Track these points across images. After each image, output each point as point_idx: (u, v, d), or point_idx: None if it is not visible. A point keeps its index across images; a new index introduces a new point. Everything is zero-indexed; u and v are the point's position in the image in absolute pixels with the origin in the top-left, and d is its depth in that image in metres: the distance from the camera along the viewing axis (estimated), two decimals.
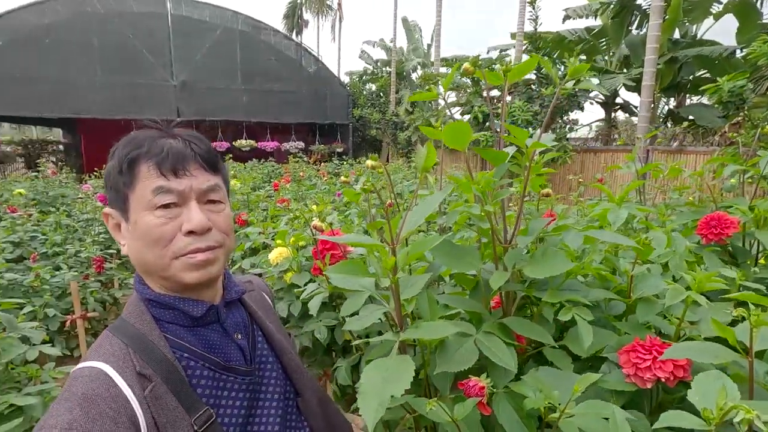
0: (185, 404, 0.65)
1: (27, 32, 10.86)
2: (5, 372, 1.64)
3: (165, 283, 0.71)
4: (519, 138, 0.78)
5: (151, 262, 0.69)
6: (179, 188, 0.68)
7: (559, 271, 0.72)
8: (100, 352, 0.66)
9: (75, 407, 0.58)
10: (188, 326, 0.72)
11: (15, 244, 3.32)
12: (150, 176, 0.67)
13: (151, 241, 0.67)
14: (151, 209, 0.67)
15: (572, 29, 9.83)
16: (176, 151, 0.69)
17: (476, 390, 0.61)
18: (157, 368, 0.65)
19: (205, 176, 0.71)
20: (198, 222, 0.68)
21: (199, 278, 0.69)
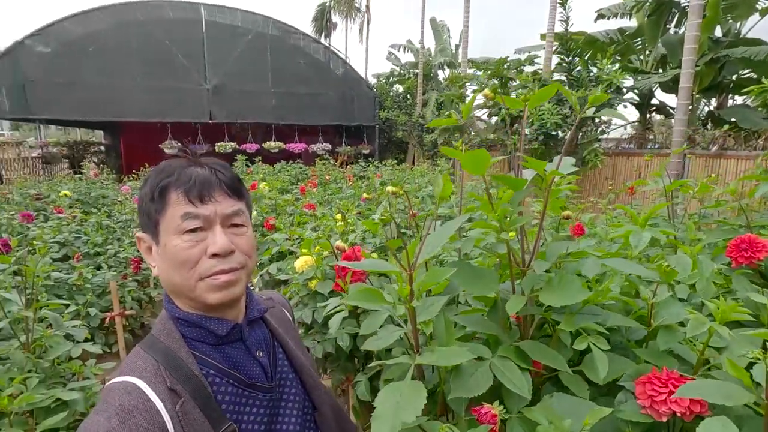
0: (211, 419, 0.69)
1: (72, 41, 11.49)
2: (52, 368, 1.76)
3: (191, 303, 0.76)
4: (537, 167, 0.79)
5: (179, 284, 0.74)
6: (205, 213, 0.73)
7: (574, 301, 0.72)
8: (133, 367, 0.71)
9: (113, 417, 0.62)
10: (213, 344, 0.76)
11: (61, 244, 3.53)
12: (179, 203, 0.72)
13: (179, 263, 0.72)
14: (179, 233, 0.72)
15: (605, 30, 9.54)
16: (202, 179, 0.74)
17: (488, 417, 0.63)
18: (186, 384, 0.69)
19: (229, 202, 0.76)
20: (221, 245, 0.72)
21: (222, 299, 0.74)
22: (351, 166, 10.52)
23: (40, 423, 1.44)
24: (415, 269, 0.73)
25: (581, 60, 8.44)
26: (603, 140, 11.60)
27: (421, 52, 16.68)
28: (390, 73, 20.24)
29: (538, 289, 0.84)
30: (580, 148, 7.44)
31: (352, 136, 15.50)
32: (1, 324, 1.70)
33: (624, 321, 0.82)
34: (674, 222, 1.45)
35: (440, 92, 14.47)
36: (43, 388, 1.59)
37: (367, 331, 0.81)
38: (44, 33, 11.34)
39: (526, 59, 8.16)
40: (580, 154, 7.19)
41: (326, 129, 14.97)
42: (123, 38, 11.86)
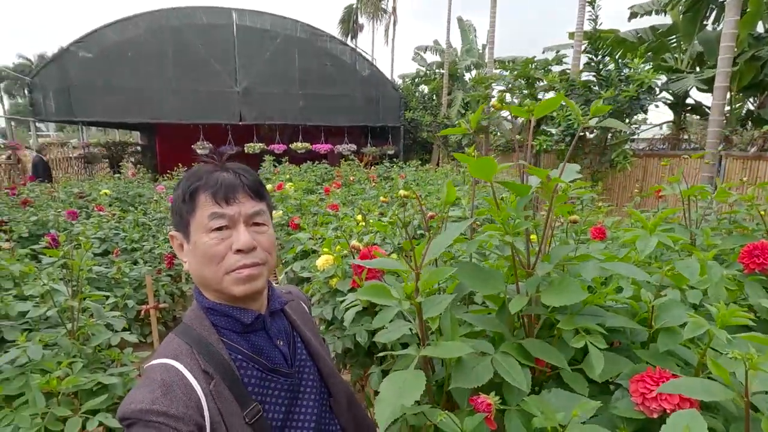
0: (239, 399, 0.77)
1: (112, 47, 12.09)
2: (94, 354, 1.90)
3: (219, 294, 0.84)
4: (540, 175, 0.83)
5: (208, 277, 0.82)
6: (230, 213, 0.81)
7: (573, 301, 0.76)
8: (169, 350, 0.79)
9: (156, 389, 0.71)
10: (240, 332, 0.85)
11: (101, 239, 3.76)
12: (207, 204, 0.80)
13: (207, 258, 0.80)
14: (207, 231, 0.80)
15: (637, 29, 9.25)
16: (228, 183, 0.82)
17: (484, 406, 0.68)
18: (217, 367, 0.77)
19: (252, 203, 0.84)
20: (245, 242, 0.80)
21: (245, 291, 0.82)
22: (375, 166, 10.62)
23: (84, 404, 1.56)
24: (423, 268, 0.79)
25: (612, 59, 8.23)
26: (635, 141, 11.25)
27: (447, 52, 16.62)
28: (416, 74, 20.25)
29: (540, 292, 0.88)
30: (608, 149, 7.26)
31: (377, 136, 15.62)
32: (50, 312, 1.86)
33: (623, 322, 0.86)
34: (692, 227, 1.45)
35: (466, 92, 14.37)
36: (86, 372, 1.72)
37: (379, 325, 0.87)
38: (87, 40, 11.98)
39: (553, 59, 8.03)
40: (608, 155, 7.02)
41: (352, 130, 15.14)
42: (158, 43, 12.39)
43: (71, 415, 1.49)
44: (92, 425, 1.51)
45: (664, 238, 1.01)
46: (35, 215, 4.19)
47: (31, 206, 4.63)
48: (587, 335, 0.79)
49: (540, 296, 0.86)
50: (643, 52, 6.55)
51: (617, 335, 0.97)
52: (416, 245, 0.82)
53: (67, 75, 11.85)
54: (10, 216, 4.15)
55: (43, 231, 3.90)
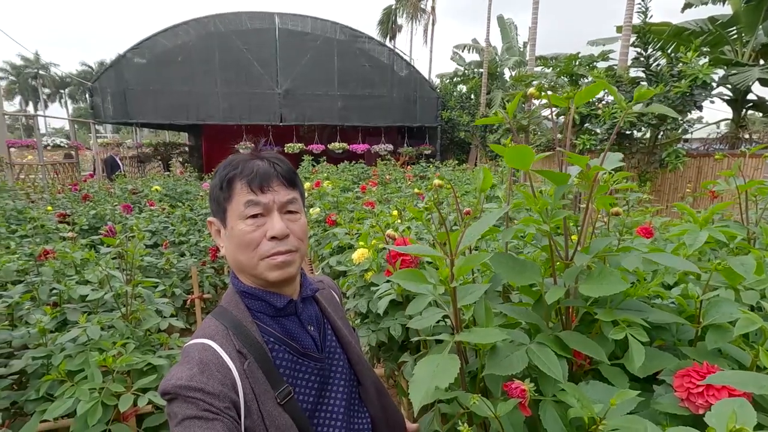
0: (271, 380, 0.80)
1: (164, 52, 12.81)
2: (144, 337, 2.03)
3: (254, 279, 0.87)
4: (579, 162, 0.81)
5: (244, 262, 0.85)
6: (264, 201, 0.83)
7: (612, 292, 0.74)
8: (206, 332, 0.82)
9: (194, 367, 0.74)
10: (273, 316, 0.88)
11: (152, 232, 4.00)
12: (242, 192, 0.83)
13: (243, 244, 0.83)
14: (243, 219, 0.83)
15: (693, 20, 8.69)
16: (263, 172, 0.84)
17: (518, 392, 0.68)
18: (250, 348, 0.80)
19: (285, 191, 0.86)
20: (279, 229, 0.83)
21: (279, 276, 0.84)
22: (411, 166, 10.61)
23: (135, 382, 1.67)
24: (457, 255, 0.80)
25: (664, 53, 7.79)
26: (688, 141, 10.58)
27: (486, 50, 16.34)
28: (454, 74, 20.05)
29: (578, 284, 0.86)
30: (658, 149, 6.88)
31: (414, 136, 15.60)
32: (107, 296, 2.00)
33: (667, 317, 0.82)
34: (749, 225, 1.36)
35: (506, 92, 14.07)
36: (137, 353, 1.84)
37: (412, 312, 0.88)
38: (141, 47, 12.75)
39: (599, 55, 7.70)
40: (659, 155, 6.65)
41: (389, 130, 15.21)
42: (206, 48, 12.99)
43: (124, 392, 1.60)
44: (143, 402, 1.61)
45: (716, 233, 0.96)
46: (94, 209, 4.51)
47: (90, 201, 4.99)
48: (628, 327, 0.77)
49: (578, 288, 0.84)
50: (698, 44, 6.14)
51: (662, 333, 0.93)
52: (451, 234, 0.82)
53: (124, 79, 12.67)
54: (72, 209, 4.50)
55: (100, 223, 4.20)
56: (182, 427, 0.70)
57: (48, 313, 1.92)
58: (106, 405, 1.56)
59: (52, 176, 9.52)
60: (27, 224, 3.37)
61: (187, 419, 0.70)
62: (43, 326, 1.81)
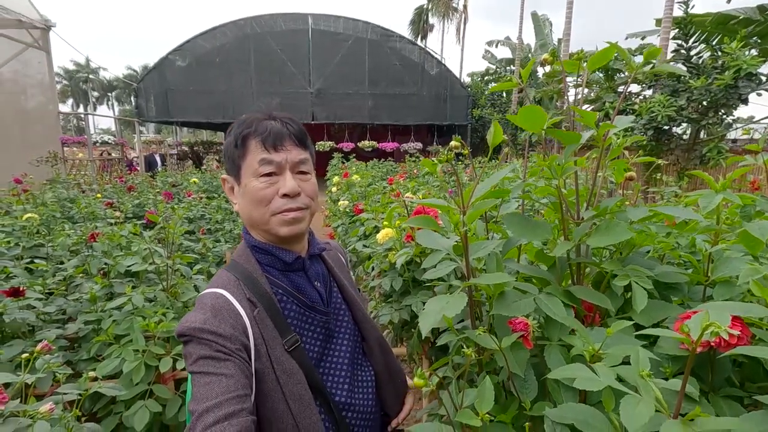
0: (279, 328, 0.86)
1: (203, 54, 13.37)
2: (182, 308, 2.17)
3: (265, 235, 0.91)
4: (587, 119, 0.85)
5: (256, 218, 0.89)
6: (277, 159, 0.87)
7: (617, 240, 0.77)
8: (219, 282, 0.88)
9: (207, 311, 0.80)
10: (282, 270, 0.93)
11: (190, 220, 4.22)
12: (257, 150, 0.87)
13: (257, 200, 0.87)
14: (256, 176, 0.87)
15: (741, 8, 8.25)
16: (276, 131, 0.88)
17: (521, 326, 0.72)
18: (260, 298, 0.86)
19: (297, 151, 0.90)
20: (291, 187, 0.87)
21: (290, 232, 0.89)
22: None
23: (173, 349, 1.81)
24: (468, 208, 0.85)
25: (708, 46, 7.45)
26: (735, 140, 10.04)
27: (519, 47, 16.08)
28: (485, 72, 19.83)
29: (586, 238, 0.89)
30: (698, 146, 6.59)
31: (443, 134, 15.57)
32: (150, 268, 2.17)
33: (674, 271, 0.84)
34: None
35: (537, 89, 13.81)
36: (176, 323, 1.98)
37: (428, 265, 0.94)
38: (182, 49, 13.36)
39: (637, 48, 7.46)
40: (699, 151, 6.36)
41: (419, 128, 15.25)
42: (243, 50, 13.46)
43: (164, 355, 1.74)
44: (180, 365, 1.75)
45: (732, 196, 0.97)
46: (138, 198, 4.81)
47: (134, 192, 5.31)
48: (632, 276, 0.80)
49: (583, 242, 0.88)
50: (744, 34, 5.83)
51: (673, 293, 0.95)
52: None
53: (165, 80, 13.32)
54: (118, 198, 4.81)
55: (143, 212, 4.47)
56: (197, 366, 0.76)
57: (98, 282, 2.10)
58: (148, 366, 1.70)
59: (100, 171, 10.16)
60: (80, 209, 3.64)
61: (201, 359, 0.75)
62: (95, 293, 1.98)
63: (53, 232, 2.92)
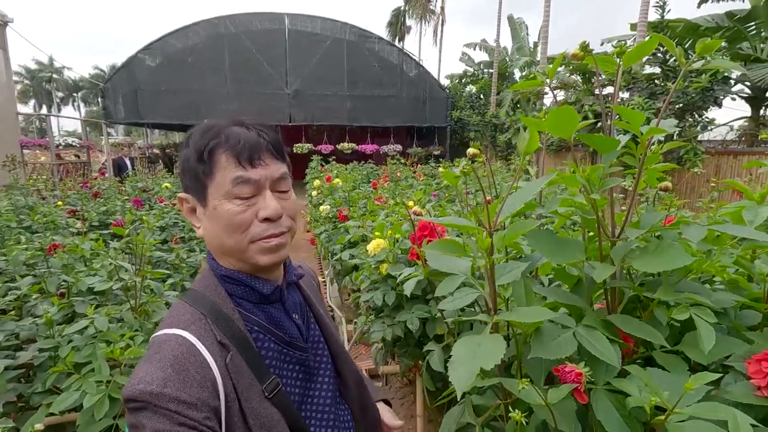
0: (256, 372, 0.71)
1: (174, 53, 12.90)
2: (153, 329, 1.97)
3: (239, 264, 0.77)
4: (632, 123, 0.73)
5: (230, 246, 0.74)
6: (255, 178, 0.72)
7: (675, 266, 0.66)
8: (180, 320, 0.71)
9: (167, 367, 0.62)
10: (256, 303, 0.79)
11: (161, 228, 3.96)
12: (228, 166, 0.71)
13: (232, 227, 0.72)
14: (230, 198, 0.72)
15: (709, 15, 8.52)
16: (251, 142, 0.73)
17: (573, 376, 0.60)
18: (233, 339, 0.71)
19: (277, 165, 0.76)
20: (274, 210, 0.73)
21: (272, 260, 0.76)
22: (421, 166, 10.53)
23: None
24: (496, 228, 0.72)
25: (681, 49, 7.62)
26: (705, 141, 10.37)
27: (497, 50, 16.23)
28: (463, 74, 19.95)
29: (630, 260, 0.78)
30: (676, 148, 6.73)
31: (423, 137, 15.53)
32: (115, 287, 1.95)
33: (734, 297, 0.73)
34: None
35: (516, 91, 13.93)
36: (145, 347, 1.78)
37: (442, 293, 0.80)
38: (153, 47, 12.86)
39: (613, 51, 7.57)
40: (676, 152, 6.49)
41: (398, 130, 15.16)
42: (216, 49, 13.06)
43: None
44: None
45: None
46: (104, 205, 4.50)
47: (101, 198, 4.98)
48: (692, 307, 0.68)
49: (630, 267, 0.76)
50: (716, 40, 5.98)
51: (719, 318, 0.84)
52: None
53: (135, 80, 12.78)
54: (82, 206, 4.49)
55: (110, 220, 4.17)
56: None
57: (55, 303, 1.87)
58: (113, 398, 1.51)
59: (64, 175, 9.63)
60: (37, 218, 3.35)
61: None
62: (50, 317, 1.76)
63: (6, 245, 2.64)
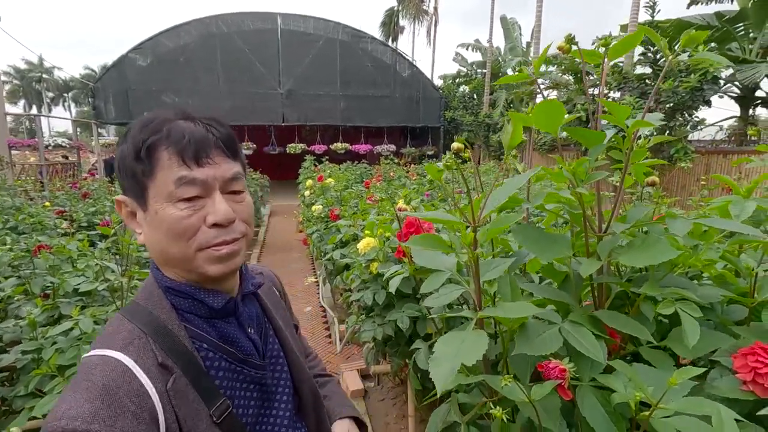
0: (204, 395, 0.64)
1: (166, 53, 12.80)
2: None
3: (186, 274, 0.69)
4: (617, 115, 0.72)
5: (175, 255, 0.66)
6: (202, 178, 0.64)
7: (661, 260, 0.65)
8: (117, 339, 0.63)
9: (96, 398, 0.54)
10: (205, 317, 0.71)
11: None
12: (171, 165, 0.63)
13: (176, 233, 0.64)
14: (173, 201, 0.64)
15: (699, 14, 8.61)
16: (198, 138, 0.65)
17: (557, 372, 0.59)
18: (177, 358, 0.63)
19: (228, 164, 0.68)
20: (224, 214, 0.65)
21: (224, 270, 0.68)
22: (415, 166, 10.54)
23: None
24: (480, 223, 0.70)
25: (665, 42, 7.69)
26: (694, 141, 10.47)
27: (489, 50, 16.29)
28: (456, 74, 20.00)
29: (617, 255, 0.77)
30: (667, 146, 6.79)
31: (416, 137, 15.55)
32: (101, 288, 1.92)
33: (720, 292, 0.73)
34: None
35: (509, 91, 13.98)
36: None
37: (427, 290, 0.79)
38: (143, 47, 12.74)
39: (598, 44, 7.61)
40: (666, 152, 6.55)
41: (391, 130, 15.16)
42: (208, 48, 12.98)
43: None
44: None
45: (764, 201, 0.87)
46: (93, 206, 4.44)
47: (90, 198, 4.92)
48: (677, 302, 0.67)
49: (618, 262, 0.75)
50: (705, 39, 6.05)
51: (706, 313, 0.84)
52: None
53: (126, 80, 12.66)
54: (70, 206, 4.42)
55: (100, 221, 4.12)
56: None
57: (39, 304, 1.84)
58: None
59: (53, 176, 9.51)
60: (23, 219, 3.29)
61: None
62: (34, 318, 1.72)
63: None
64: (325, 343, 3.88)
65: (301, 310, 4.62)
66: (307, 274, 5.71)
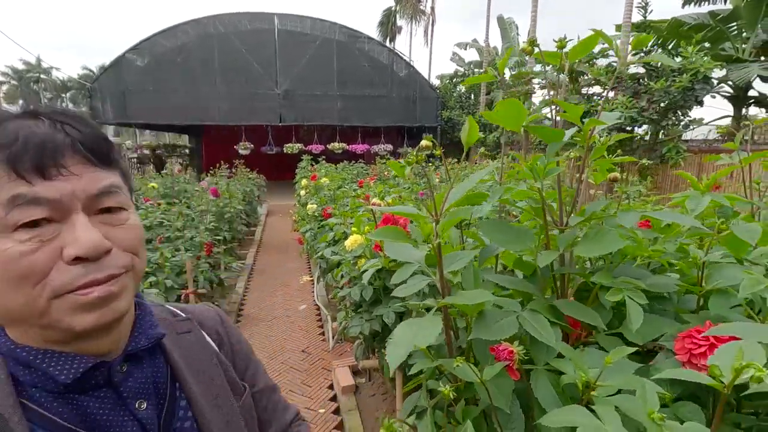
0: None
1: (163, 53, 12.83)
2: None
3: (42, 332, 0.48)
4: (572, 114, 0.76)
5: (17, 308, 0.46)
6: (50, 196, 0.45)
7: (609, 250, 0.69)
8: None
9: None
10: (59, 393, 0.49)
11: (147, 228, 3.96)
12: (0, 181, 0.44)
13: (14, 277, 0.44)
14: (6, 231, 0.44)
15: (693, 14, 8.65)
16: (40, 140, 0.46)
17: (505, 354, 0.63)
18: None
19: (94, 174, 0.49)
20: (88, 243, 0.46)
21: (98, 321, 0.47)
22: None
23: None
24: (442, 216, 0.75)
25: (665, 49, 7.76)
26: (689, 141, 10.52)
27: (486, 50, 16.33)
28: (454, 74, 20.05)
29: (573, 247, 0.81)
30: (659, 146, 6.84)
31: (413, 136, 15.59)
32: None
33: (667, 281, 0.77)
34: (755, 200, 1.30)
35: (506, 91, 14.03)
36: None
37: (397, 280, 0.83)
38: (140, 47, 12.77)
39: (599, 52, 7.67)
40: (659, 151, 6.60)
41: (388, 130, 15.21)
42: (205, 49, 13.01)
43: None
44: None
45: (720, 197, 0.91)
46: None
47: None
48: (626, 290, 0.71)
49: (573, 251, 0.79)
50: (698, 39, 6.09)
51: (664, 303, 0.88)
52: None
53: (123, 81, 12.68)
54: None
55: None
56: None
57: None
58: None
59: None
60: None
61: None
62: None
63: None
64: (318, 341, 3.93)
65: (296, 308, 4.67)
66: (303, 273, 5.76)
